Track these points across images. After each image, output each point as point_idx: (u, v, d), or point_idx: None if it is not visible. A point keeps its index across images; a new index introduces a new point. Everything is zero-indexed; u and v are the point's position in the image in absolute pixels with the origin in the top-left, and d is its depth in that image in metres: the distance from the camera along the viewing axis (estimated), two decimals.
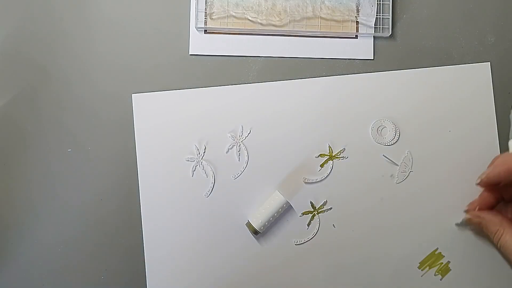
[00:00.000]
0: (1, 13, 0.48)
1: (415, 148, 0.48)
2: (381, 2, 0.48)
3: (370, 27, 0.48)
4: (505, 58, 0.49)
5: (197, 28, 0.48)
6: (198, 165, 0.47)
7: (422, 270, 0.47)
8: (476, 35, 0.49)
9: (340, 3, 0.48)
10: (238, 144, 0.47)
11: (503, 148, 0.47)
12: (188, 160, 0.47)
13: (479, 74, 0.47)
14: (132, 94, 0.47)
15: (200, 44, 0.48)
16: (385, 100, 0.48)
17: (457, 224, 0.47)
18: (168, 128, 0.47)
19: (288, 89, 0.48)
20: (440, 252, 0.47)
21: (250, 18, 0.48)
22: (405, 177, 0.47)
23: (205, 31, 0.48)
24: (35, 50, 0.48)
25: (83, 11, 0.48)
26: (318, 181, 0.47)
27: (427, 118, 0.48)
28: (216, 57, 0.48)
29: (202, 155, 0.47)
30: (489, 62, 0.48)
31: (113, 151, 0.47)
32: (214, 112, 0.47)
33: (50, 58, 0.48)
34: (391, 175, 0.47)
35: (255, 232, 0.46)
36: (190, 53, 0.48)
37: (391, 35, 0.48)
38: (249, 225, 0.46)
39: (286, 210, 0.46)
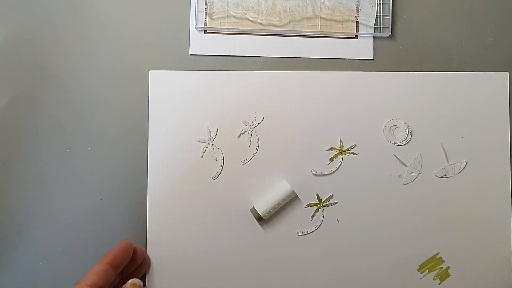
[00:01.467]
0: (1, 13, 0.48)
1: (426, 151, 0.47)
2: (381, 2, 0.48)
3: (370, 27, 0.48)
4: (505, 58, 0.49)
5: (197, 28, 0.48)
6: (209, 147, 0.47)
7: (421, 273, 0.47)
8: (476, 35, 0.49)
9: (340, 3, 0.48)
10: (250, 130, 0.47)
11: None
12: (200, 141, 0.47)
13: (497, 83, 0.47)
14: (150, 71, 0.47)
15: (200, 44, 0.48)
16: (400, 100, 0.48)
17: None
18: (182, 108, 0.47)
19: (305, 80, 0.48)
20: (441, 257, 0.47)
21: (250, 18, 0.48)
22: (413, 178, 0.47)
23: (205, 31, 0.48)
24: (35, 50, 0.48)
25: (82, 11, 0.48)
26: (326, 174, 0.47)
27: (441, 122, 0.48)
28: (216, 57, 0.48)
29: (213, 137, 0.47)
30: (508, 72, 0.48)
31: (113, 151, 0.47)
32: (230, 96, 0.47)
33: (50, 59, 0.48)
34: (400, 176, 0.47)
35: (259, 219, 0.46)
36: (190, 53, 0.48)
37: (391, 35, 0.48)
38: (253, 211, 0.46)
39: (291, 199, 0.46)
